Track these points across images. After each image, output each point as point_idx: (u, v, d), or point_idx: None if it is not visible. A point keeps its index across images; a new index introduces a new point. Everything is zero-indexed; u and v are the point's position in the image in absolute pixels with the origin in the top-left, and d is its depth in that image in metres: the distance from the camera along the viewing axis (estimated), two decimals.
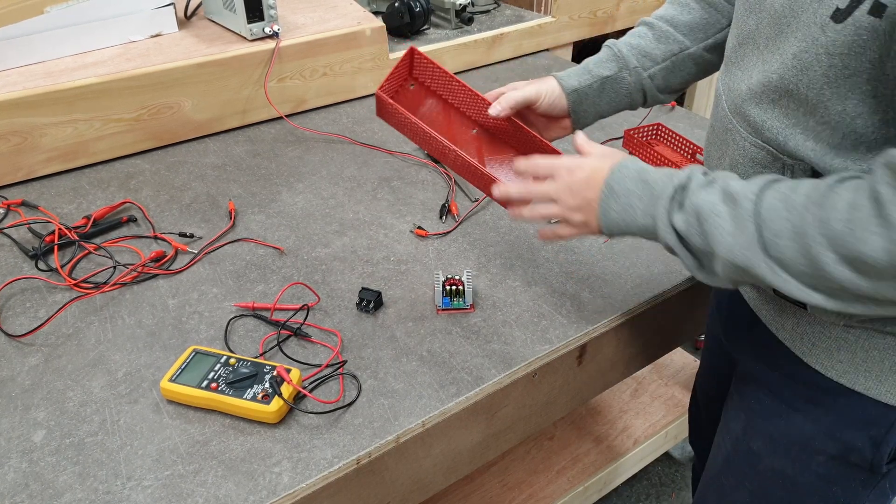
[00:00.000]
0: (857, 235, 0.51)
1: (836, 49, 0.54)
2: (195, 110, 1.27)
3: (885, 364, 0.65)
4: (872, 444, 0.69)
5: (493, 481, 1.38)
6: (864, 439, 0.69)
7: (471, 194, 1.13)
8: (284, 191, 1.15)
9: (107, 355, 0.83)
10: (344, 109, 1.43)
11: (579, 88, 0.86)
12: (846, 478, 0.73)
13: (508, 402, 0.82)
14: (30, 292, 0.93)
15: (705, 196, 0.60)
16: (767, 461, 0.78)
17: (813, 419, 0.73)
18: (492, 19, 1.69)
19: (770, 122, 0.62)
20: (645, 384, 1.60)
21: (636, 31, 0.89)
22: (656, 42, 0.86)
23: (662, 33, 0.86)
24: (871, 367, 0.66)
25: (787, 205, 0.55)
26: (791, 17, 0.58)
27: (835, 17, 0.53)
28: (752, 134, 0.65)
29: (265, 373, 0.76)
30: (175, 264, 0.98)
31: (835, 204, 0.52)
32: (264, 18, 1.29)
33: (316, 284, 0.93)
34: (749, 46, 0.66)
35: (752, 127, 0.65)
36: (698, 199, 0.61)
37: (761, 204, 0.56)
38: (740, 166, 0.67)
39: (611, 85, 0.87)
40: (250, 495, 0.67)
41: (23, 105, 1.11)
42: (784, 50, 0.59)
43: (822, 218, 0.53)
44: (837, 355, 0.68)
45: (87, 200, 1.13)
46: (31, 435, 0.73)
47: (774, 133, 0.62)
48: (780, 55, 0.60)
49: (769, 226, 0.56)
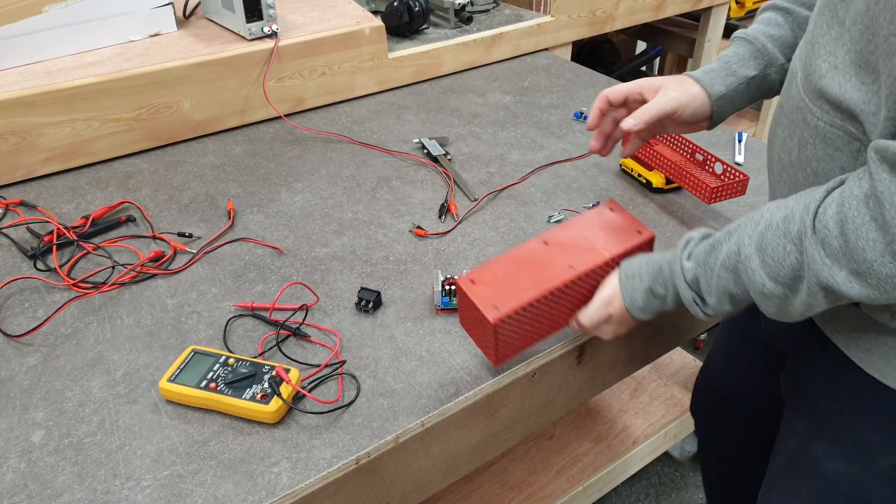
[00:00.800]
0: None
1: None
2: (194, 110, 1.27)
3: None
4: None
5: (493, 481, 1.38)
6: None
7: (470, 194, 1.13)
8: (283, 190, 1.15)
9: (105, 355, 0.83)
10: (343, 109, 1.42)
11: (726, 93, 0.81)
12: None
13: (508, 401, 0.82)
14: (28, 292, 0.93)
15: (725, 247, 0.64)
16: (831, 463, 0.77)
17: (874, 426, 0.71)
18: (491, 19, 1.69)
19: (854, 101, 0.57)
20: (644, 384, 1.60)
21: (769, 17, 0.81)
22: (798, 29, 0.78)
23: (802, 19, 0.78)
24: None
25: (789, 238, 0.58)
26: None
27: None
28: (826, 111, 0.61)
29: (264, 373, 0.76)
30: (174, 264, 0.98)
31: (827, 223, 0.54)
32: (263, 18, 1.29)
33: (315, 284, 0.93)
34: (827, 16, 0.61)
35: (827, 102, 0.61)
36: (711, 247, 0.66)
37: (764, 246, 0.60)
38: (813, 147, 0.63)
39: (756, 83, 0.82)
40: (249, 495, 0.67)
41: (21, 105, 1.11)
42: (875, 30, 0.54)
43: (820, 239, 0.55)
44: (894, 362, 0.66)
45: (85, 200, 1.13)
46: (29, 435, 0.73)
47: (854, 111, 0.58)
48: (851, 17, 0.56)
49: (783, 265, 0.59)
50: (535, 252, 0.76)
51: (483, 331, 0.73)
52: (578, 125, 1.35)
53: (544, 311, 0.74)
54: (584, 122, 1.36)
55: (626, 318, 0.75)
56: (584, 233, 0.78)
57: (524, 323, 0.73)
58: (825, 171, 0.63)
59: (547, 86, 1.52)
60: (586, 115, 1.36)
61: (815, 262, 0.55)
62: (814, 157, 0.63)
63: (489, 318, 0.69)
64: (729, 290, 0.65)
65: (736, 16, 2.33)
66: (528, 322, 0.73)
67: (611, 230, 0.79)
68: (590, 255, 0.75)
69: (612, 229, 0.79)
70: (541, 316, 0.74)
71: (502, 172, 1.19)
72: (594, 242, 0.77)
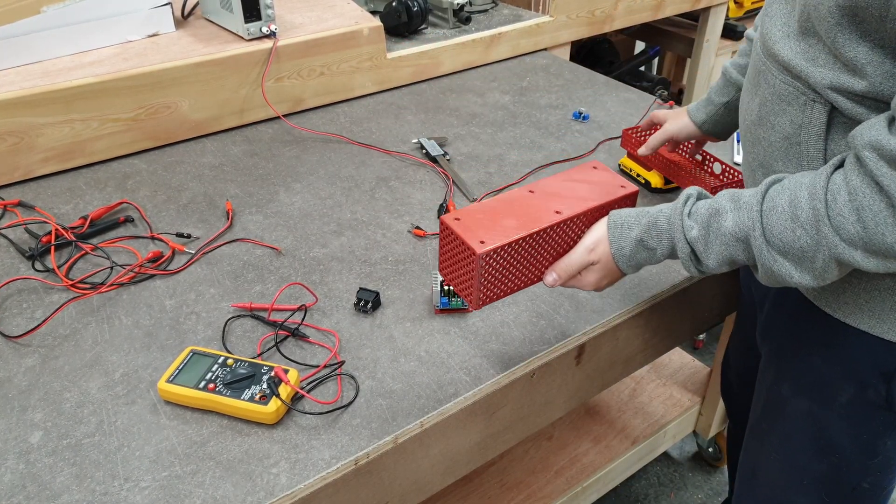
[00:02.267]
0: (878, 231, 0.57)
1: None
2: (192, 110, 1.27)
3: (886, 303, 0.69)
4: (885, 380, 0.72)
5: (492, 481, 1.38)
6: (877, 377, 0.72)
7: (469, 194, 1.13)
8: (282, 191, 1.15)
9: (104, 356, 0.83)
10: (341, 109, 1.42)
11: (707, 119, 1.00)
12: (868, 418, 0.76)
13: (507, 402, 0.82)
14: (27, 293, 0.93)
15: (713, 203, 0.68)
16: (795, 403, 0.82)
17: (830, 361, 0.76)
18: (489, 19, 1.69)
19: (798, 62, 0.66)
20: (643, 384, 1.60)
21: (742, 48, 0.95)
22: None
23: None
24: (874, 308, 0.70)
25: (799, 223, 0.61)
26: None
27: None
28: (781, 71, 0.69)
29: (263, 373, 0.76)
30: (172, 265, 0.98)
31: (840, 211, 0.58)
32: (261, 18, 1.29)
33: (314, 285, 0.93)
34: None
35: (780, 65, 0.69)
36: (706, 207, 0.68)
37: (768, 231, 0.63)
38: (770, 103, 0.71)
39: (733, 105, 0.96)
40: (248, 496, 0.67)
41: (20, 105, 1.11)
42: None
43: (835, 227, 0.58)
44: (843, 297, 0.72)
45: (84, 201, 1.12)
46: (28, 436, 0.73)
47: (799, 71, 0.66)
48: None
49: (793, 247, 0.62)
50: (521, 198, 0.75)
51: (466, 270, 0.71)
52: (577, 125, 1.35)
53: (529, 254, 0.73)
54: (583, 122, 1.36)
55: (609, 267, 0.74)
56: (570, 185, 0.79)
57: (509, 264, 0.72)
58: (780, 124, 0.70)
59: (546, 86, 1.52)
60: (585, 115, 1.36)
61: (836, 247, 0.59)
62: (771, 112, 0.71)
63: (476, 251, 0.67)
64: (733, 258, 0.67)
65: (734, 16, 2.32)
66: (513, 265, 0.72)
67: (596, 183, 0.80)
68: (576, 202, 0.76)
69: (597, 183, 0.80)
70: (525, 260, 0.73)
71: (501, 172, 1.19)
72: (579, 192, 0.78)
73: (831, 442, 0.79)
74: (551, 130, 1.33)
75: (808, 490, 0.84)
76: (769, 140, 0.72)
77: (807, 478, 0.84)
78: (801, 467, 0.84)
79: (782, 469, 0.87)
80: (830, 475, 0.82)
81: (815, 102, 0.65)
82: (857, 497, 0.82)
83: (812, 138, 0.67)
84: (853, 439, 0.77)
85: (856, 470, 0.80)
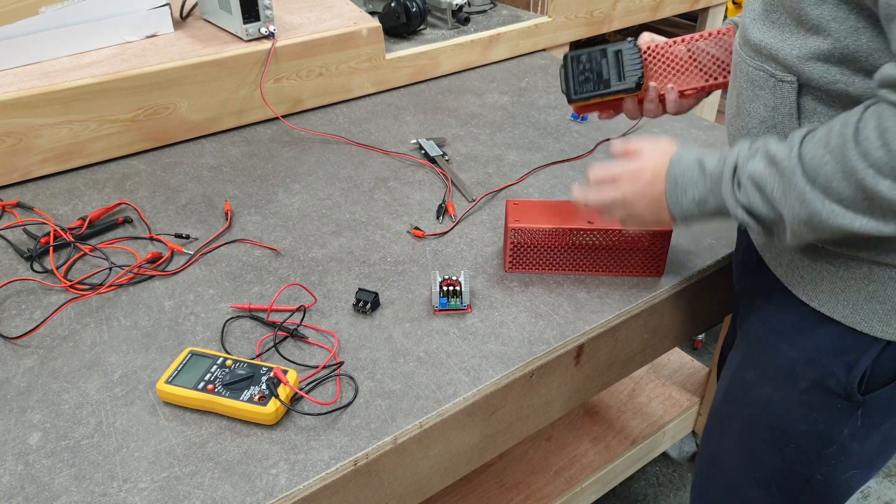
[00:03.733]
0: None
1: None
2: (191, 111, 1.27)
3: (860, 294, 0.70)
4: (846, 369, 0.73)
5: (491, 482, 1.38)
6: (840, 365, 0.74)
7: (468, 195, 1.13)
8: (281, 191, 1.15)
9: (103, 357, 0.83)
10: (340, 110, 1.42)
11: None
12: (826, 405, 0.77)
13: (506, 402, 0.82)
14: (25, 294, 0.93)
15: (752, 166, 0.66)
16: (757, 389, 0.83)
17: (796, 346, 0.77)
18: (488, 19, 1.69)
19: (766, 41, 0.68)
20: (642, 384, 1.60)
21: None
22: None
23: None
24: (848, 297, 0.71)
25: (829, 149, 0.60)
26: None
27: None
28: (752, 57, 0.71)
29: (262, 374, 0.76)
30: (171, 265, 0.98)
31: (868, 135, 0.57)
32: (260, 19, 1.29)
33: (312, 285, 0.93)
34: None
35: (752, 50, 0.71)
36: (749, 171, 0.66)
37: (803, 157, 0.62)
38: (744, 91, 0.73)
39: None
40: (247, 497, 0.67)
41: (18, 106, 1.11)
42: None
43: (862, 151, 0.57)
44: (821, 286, 0.73)
45: (82, 202, 1.12)
46: (26, 437, 0.73)
47: (769, 49, 0.68)
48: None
49: (819, 173, 0.60)
50: (568, 206, 0.94)
51: (506, 239, 0.94)
52: (576, 126, 1.35)
53: (554, 243, 0.92)
54: (582, 123, 1.36)
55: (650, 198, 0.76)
56: None
57: (535, 244, 0.93)
58: (755, 110, 0.72)
59: (544, 86, 1.52)
60: (584, 116, 1.36)
61: (858, 172, 0.58)
62: (746, 100, 0.73)
63: (509, 225, 0.91)
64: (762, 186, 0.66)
65: (733, 16, 2.32)
66: (540, 247, 0.93)
67: None
68: (609, 222, 0.90)
69: None
70: (550, 246, 0.93)
71: (500, 173, 1.19)
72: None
73: (788, 430, 0.80)
74: (550, 131, 1.33)
75: (761, 483, 0.86)
76: (747, 128, 0.74)
77: (761, 471, 0.85)
78: (758, 458, 0.85)
79: (740, 458, 0.88)
80: (784, 469, 0.83)
81: (783, 82, 0.67)
82: (809, 489, 0.83)
83: (785, 118, 0.69)
84: (809, 425, 0.78)
85: (810, 460, 0.81)
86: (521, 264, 0.95)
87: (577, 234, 0.91)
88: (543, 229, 0.91)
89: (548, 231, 0.91)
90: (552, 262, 0.94)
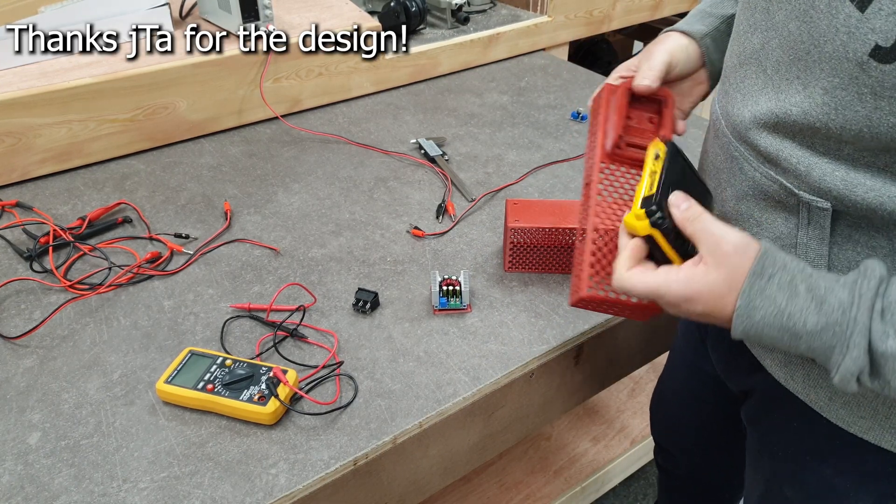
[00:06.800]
0: None
1: (885, 91, 0.48)
2: (190, 111, 1.27)
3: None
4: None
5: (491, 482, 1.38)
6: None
7: (467, 194, 1.13)
8: (280, 191, 1.15)
9: (102, 357, 0.82)
10: (340, 109, 1.42)
11: (709, 32, 0.74)
12: None
13: (506, 402, 0.82)
14: (24, 294, 0.92)
15: (893, 347, 0.48)
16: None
17: (843, 471, 0.68)
18: (488, 19, 1.69)
19: (788, 152, 0.57)
20: (642, 384, 1.60)
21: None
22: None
23: None
24: (895, 423, 0.61)
25: None
26: (811, 46, 0.52)
27: (878, 57, 0.48)
28: (763, 164, 0.60)
29: (261, 374, 0.76)
30: (170, 265, 0.98)
31: None
32: (259, 18, 1.29)
33: (312, 285, 0.93)
34: (752, 68, 0.60)
35: (763, 156, 0.60)
36: (891, 352, 0.48)
37: None
38: (749, 199, 0.63)
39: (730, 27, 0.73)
40: (247, 497, 0.66)
41: (17, 105, 1.11)
42: (808, 83, 0.54)
43: None
44: (858, 411, 0.62)
45: (81, 201, 1.12)
46: (26, 437, 0.73)
47: (794, 163, 0.56)
48: (803, 87, 0.54)
49: None
50: (570, 206, 0.95)
51: (505, 238, 0.94)
52: (576, 125, 1.35)
53: (554, 243, 0.93)
54: (581, 122, 1.36)
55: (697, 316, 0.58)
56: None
57: (532, 244, 0.93)
58: (765, 221, 0.61)
59: (544, 86, 1.52)
60: (584, 116, 1.37)
61: None
62: (754, 211, 0.62)
63: (508, 225, 0.92)
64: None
65: None
66: (540, 246, 0.93)
67: None
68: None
69: None
70: (550, 246, 0.93)
71: (499, 173, 1.19)
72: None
73: None
74: (550, 130, 1.33)
75: None
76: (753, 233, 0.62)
77: None
78: None
79: None
80: None
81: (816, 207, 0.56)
82: None
83: (813, 241, 0.57)
84: None
85: None
86: (521, 264, 0.95)
87: (567, 234, 0.91)
88: (543, 229, 0.91)
89: (548, 231, 0.91)
90: (552, 262, 0.94)
